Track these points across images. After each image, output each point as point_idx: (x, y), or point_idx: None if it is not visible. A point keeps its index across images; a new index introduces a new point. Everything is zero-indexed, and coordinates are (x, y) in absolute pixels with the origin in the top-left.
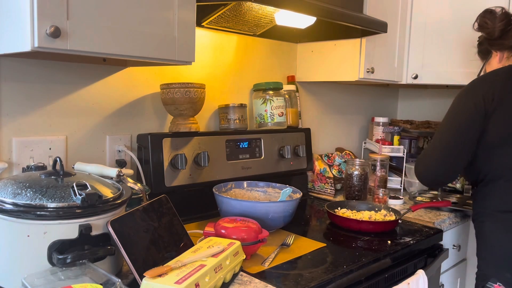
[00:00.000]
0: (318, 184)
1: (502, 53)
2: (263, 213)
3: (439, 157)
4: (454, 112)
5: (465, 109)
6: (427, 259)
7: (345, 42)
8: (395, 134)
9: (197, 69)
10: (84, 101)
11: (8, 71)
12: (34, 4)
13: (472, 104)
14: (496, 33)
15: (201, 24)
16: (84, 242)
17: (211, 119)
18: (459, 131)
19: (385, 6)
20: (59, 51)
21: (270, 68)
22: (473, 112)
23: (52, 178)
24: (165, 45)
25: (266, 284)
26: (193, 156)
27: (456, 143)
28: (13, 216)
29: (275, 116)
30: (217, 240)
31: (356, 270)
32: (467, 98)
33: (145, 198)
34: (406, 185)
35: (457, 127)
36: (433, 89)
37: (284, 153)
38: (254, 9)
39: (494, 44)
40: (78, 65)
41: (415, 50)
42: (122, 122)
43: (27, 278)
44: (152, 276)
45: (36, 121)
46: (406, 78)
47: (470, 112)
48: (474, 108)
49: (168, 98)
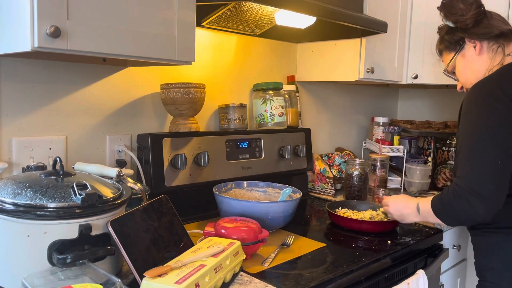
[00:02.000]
0: (318, 184)
1: (481, 43)
2: (263, 213)
3: (495, 178)
4: (481, 120)
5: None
6: (427, 259)
7: (345, 42)
8: (395, 134)
9: (197, 69)
10: (84, 101)
11: (8, 71)
12: (34, 4)
13: (499, 105)
14: (469, 21)
15: (201, 24)
16: (84, 242)
17: (211, 119)
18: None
19: (385, 6)
20: (59, 51)
21: (270, 68)
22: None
23: (52, 178)
24: (165, 45)
25: (266, 284)
26: (193, 156)
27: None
28: (13, 216)
29: (275, 116)
30: (217, 240)
31: (356, 270)
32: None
33: (145, 198)
34: (406, 185)
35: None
36: (433, 89)
37: (284, 153)
38: (254, 9)
39: (472, 33)
40: (78, 65)
41: (415, 50)
42: (122, 122)
43: (27, 278)
44: (152, 276)
45: (36, 121)
46: (406, 78)
47: (501, 113)
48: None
49: (168, 98)
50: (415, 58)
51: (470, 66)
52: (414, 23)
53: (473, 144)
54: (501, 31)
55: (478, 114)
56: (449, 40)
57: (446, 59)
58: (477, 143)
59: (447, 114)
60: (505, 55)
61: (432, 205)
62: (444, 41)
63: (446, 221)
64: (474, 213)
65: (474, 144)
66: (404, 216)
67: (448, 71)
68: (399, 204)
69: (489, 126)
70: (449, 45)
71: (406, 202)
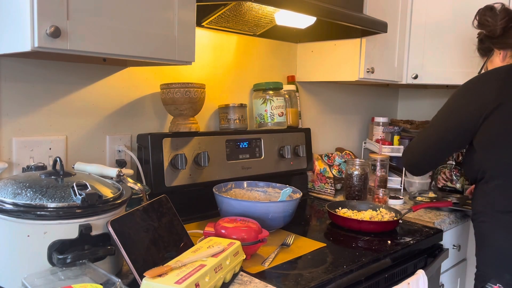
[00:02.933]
0: (318, 184)
1: (506, 51)
2: (263, 213)
3: (428, 150)
4: (451, 109)
5: (463, 108)
6: (427, 259)
7: (345, 42)
8: (395, 134)
9: (197, 69)
10: (84, 101)
11: (8, 71)
12: (34, 4)
13: (471, 104)
14: (497, 31)
15: (201, 24)
16: (84, 242)
17: (211, 119)
18: (454, 129)
19: (385, 6)
20: (59, 51)
21: (270, 68)
22: (471, 113)
23: (52, 178)
24: (165, 45)
25: (266, 284)
26: (193, 156)
27: (449, 140)
28: (13, 216)
29: (275, 116)
30: (217, 240)
31: (356, 270)
32: (466, 97)
33: (145, 198)
34: (406, 185)
35: (453, 125)
36: (433, 89)
37: (284, 153)
38: (254, 9)
39: (496, 42)
40: (78, 65)
41: (415, 50)
42: (122, 122)
43: (27, 278)
44: (152, 276)
45: (36, 121)
46: (406, 78)
47: (468, 112)
48: (472, 108)
49: (168, 98)
50: (415, 58)
51: None
52: (414, 23)
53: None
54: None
55: (450, 102)
56: (481, 47)
57: (481, 63)
58: (430, 125)
59: None
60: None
61: None
62: (478, 47)
63: None
64: (405, 164)
65: (434, 123)
66: None
67: None
68: None
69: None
70: (481, 51)
71: None
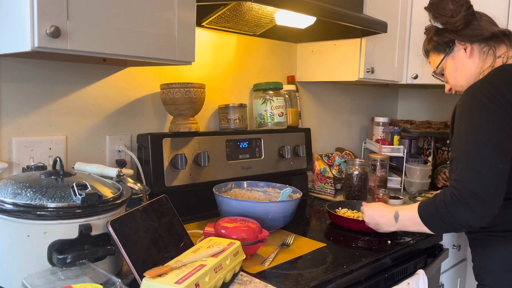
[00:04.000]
0: (318, 184)
1: (472, 45)
2: (263, 213)
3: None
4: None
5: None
6: (427, 259)
7: (345, 42)
8: (395, 134)
9: (197, 69)
10: (84, 101)
11: (8, 71)
12: (34, 4)
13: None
14: (459, 23)
15: (201, 24)
16: (84, 242)
17: (211, 119)
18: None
19: (385, 6)
20: (59, 51)
21: (270, 68)
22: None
23: (52, 178)
24: (165, 45)
25: (266, 284)
26: (193, 156)
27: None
28: (13, 216)
29: (275, 116)
30: (217, 240)
31: (356, 270)
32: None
33: (145, 198)
34: (406, 185)
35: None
36: (433, 89)
37: (284, 153)
38: (254, 9)
39: (461, 35)
40: (78, 65)
41: (415, 50)
42: (122, 122)
43: (27, 278)
44: (152, 276)
45: (36, 121)
46: (406, 78)
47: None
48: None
49: (168, 98)
50: (415, 58)
51: (460, 69)
52: (414, 23)
53: (471, 148)
54: (492, 33)
55: (475, 117)
56: (437, 42)
57: (434, 60)
58: (476, 146)
59: (447, 114)
60: (496, 57)
61: (421, 211)
62: (432, 42)
63: (435, 228)
64: (472, 217)
65: (473, 147)
66: (380, 225)
67: (437, 73)
68: (374, 212)
69: (487, 129)
70: (437, 46)
71: (381, 211)
